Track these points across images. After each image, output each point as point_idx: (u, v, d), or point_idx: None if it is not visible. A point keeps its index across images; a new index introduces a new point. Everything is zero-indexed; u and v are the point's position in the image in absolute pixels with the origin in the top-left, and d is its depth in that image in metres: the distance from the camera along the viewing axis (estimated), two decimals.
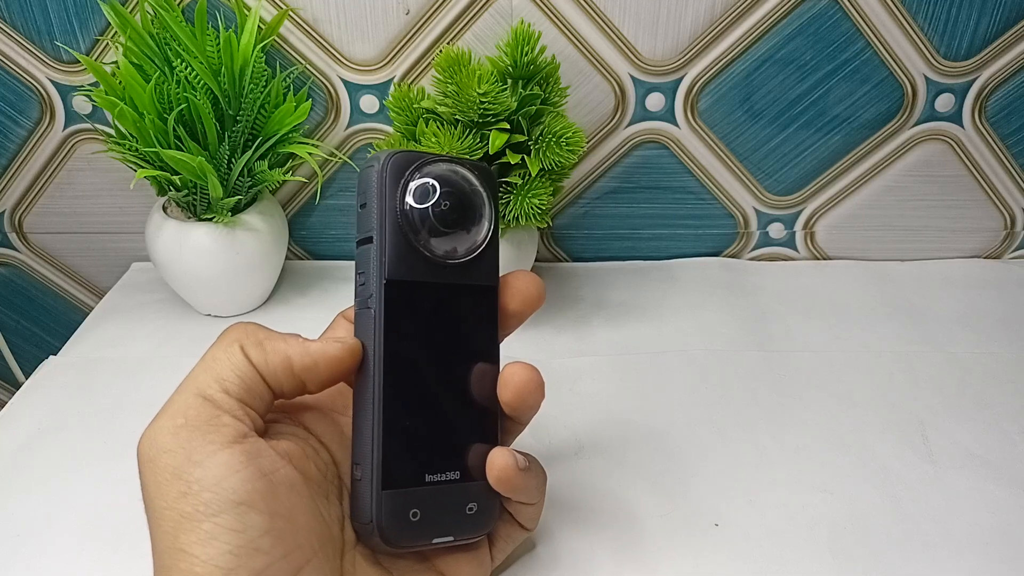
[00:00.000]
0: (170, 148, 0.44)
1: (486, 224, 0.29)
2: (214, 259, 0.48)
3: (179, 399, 0.27)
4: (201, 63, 0.44)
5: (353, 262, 0.30)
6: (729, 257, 0.59)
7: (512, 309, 0.30)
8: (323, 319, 0.32)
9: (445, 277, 0.28)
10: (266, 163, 0.48)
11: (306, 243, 0.59)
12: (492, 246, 0.29)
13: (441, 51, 0.44)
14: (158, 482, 0.25)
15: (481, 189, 0.29)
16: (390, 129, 0.53)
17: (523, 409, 0.29)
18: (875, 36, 0.50)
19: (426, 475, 0.27)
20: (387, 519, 0.26)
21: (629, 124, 0.54)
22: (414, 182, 0.28)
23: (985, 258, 0.59)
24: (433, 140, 0.43)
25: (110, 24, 0.50)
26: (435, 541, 0.28)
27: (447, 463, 0.28)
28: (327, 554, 0.26)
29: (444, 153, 0.37)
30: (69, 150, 0.55)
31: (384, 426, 0.27)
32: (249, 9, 0.47)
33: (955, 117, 0.53)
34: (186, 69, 0.45)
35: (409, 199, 0.28)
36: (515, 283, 0.30)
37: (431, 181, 0.28)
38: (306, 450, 0.28)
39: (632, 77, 0.52)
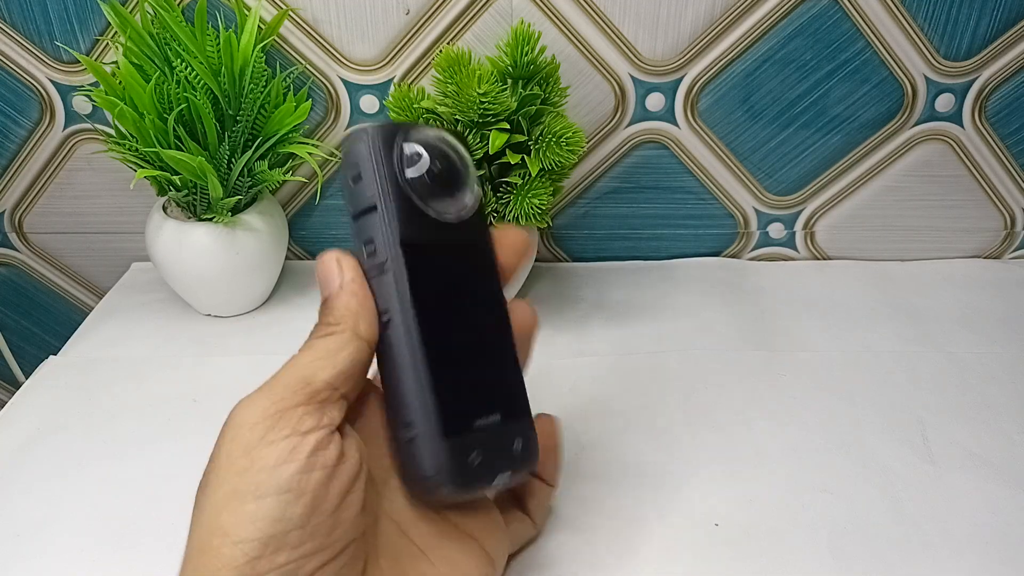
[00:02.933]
0: (170, 148, 0.44)
1: (474, 184, 0.31)
2: (214, 259, 0.48)
3: (284, 379, 0.27)
4: (201, 63, 0.44)
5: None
6: (729, 257, 0.59)
7: (505, 263, 0.31)
8: None
9: (448, 236, 0.30)
10: (266, 163, 0.48)
11: (306, 243, 0.59)
12: (481, 205, 0.31)
13: (441, 51, 0.44)
14: (230, 453, 0.25)
15: (464, 151, 0.31)
16: None
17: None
18: (875, 36, 0.50)
19: (475, 421, 0.29)
20: (453, 466, 0.27)
21: (629, 124, 0.54)
22: (406, 149, 0.29)
23: (985, 258, 0.59)
24: None
25: (110, 24, 0.50)
26: (495, 482, 0.29)
27: (489, 407, 0.29)
28: (355, 552, 0.26)
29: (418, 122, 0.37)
30: (69, 150, 0.55)
31: (432, 380, 0.28)
32: (249, 9, 0.47)
33: (955, 117, 0.53)
34: (186, 69, 0.45)
35: (406, 166, 0.29)
36: (504, 239, 0.32)
37: (419, 147, 0.29)
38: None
39: (632, 77, 0.52)
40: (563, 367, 0.46)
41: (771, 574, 0.34)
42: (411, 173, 0.29)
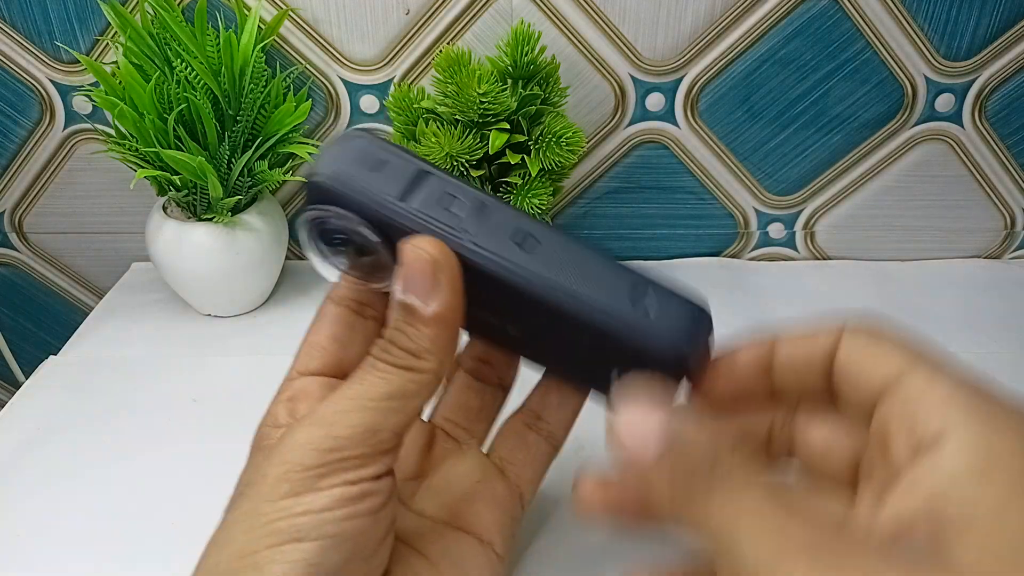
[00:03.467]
0: (170, 148, 0.44)
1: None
2: (214, 259, 0.48)
3: (350, 418, 0.23)
4: (201, 63, 0.44)
5: None
6: (729, 257, 0.59)
7: None
8: None
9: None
10: (266, 163, 0.48)
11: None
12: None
13: (441, 51, 0.44)
14: (275, 486, 0.23)
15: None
16: (390, 129, 0.53)
17: None
18: (875, 36, 0.50)
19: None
20: (679, 324, 0.25)
21: (629, 124, 0.54)
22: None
23: (985, 258, 0.59)
24: (433, 140, 0.43)
25: (110, 24, 0.50)
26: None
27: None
28: None
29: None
30: (69, 150, 0.55)
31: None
32: (249, 9, 0.47)
33: (955, 117, 0.53)
34: (186, 69, 0.45)
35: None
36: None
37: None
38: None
39: (632, 77, 0.52)
40: None
41: None
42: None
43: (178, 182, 0.45)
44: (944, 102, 0.53)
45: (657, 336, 0.24)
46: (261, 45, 0.47)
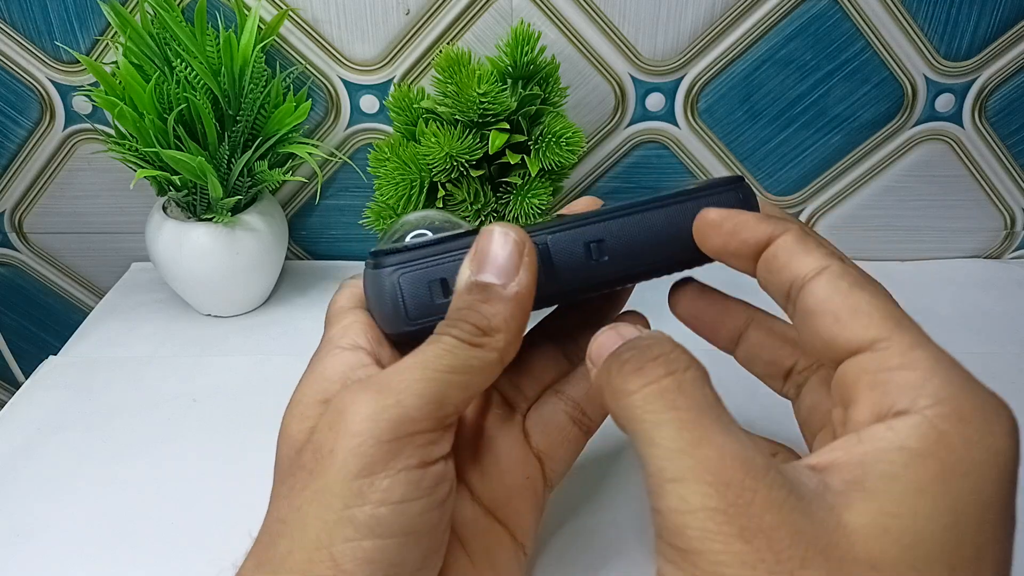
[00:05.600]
0: (170, 148, 0.44)
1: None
2: (214, 259, 0.48)
3: (416, 387, 0.22)
4: (201, 63, 0.44)
5: (349, 261, 0.30)
6: None
7: None
8: (323, 319, 0.31)
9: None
10: (266, 163, 0.48)
11: (306, 243, 0.59)
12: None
13: (441, 51, 0.44)
14: (345, 461, 0.21)
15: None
16: (390, 129, 0.53)
17: None
18: (875, 36, 0.50)
19: None
20: None
21: (629, 124, 0.54)
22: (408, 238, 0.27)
23: (985, 258, 0.59)
24: (433, 140, 0.43)
25: (110, 24, 0.50)
26: None
27: None
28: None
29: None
30: (69, 150, 0.55)
31: None
32: (249, 9, 0.47)
33: (955, 117, 0.53)
34: (186, 69, 0.45)
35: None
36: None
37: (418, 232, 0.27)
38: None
39: (632, 77, 0.52)
40: None
41: None
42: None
43: (178, 182, 0.45)
44: (944, 102, 0.53)
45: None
46: (261, 45, 0.47)
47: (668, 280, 0.29)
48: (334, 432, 0.22)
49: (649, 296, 0.32)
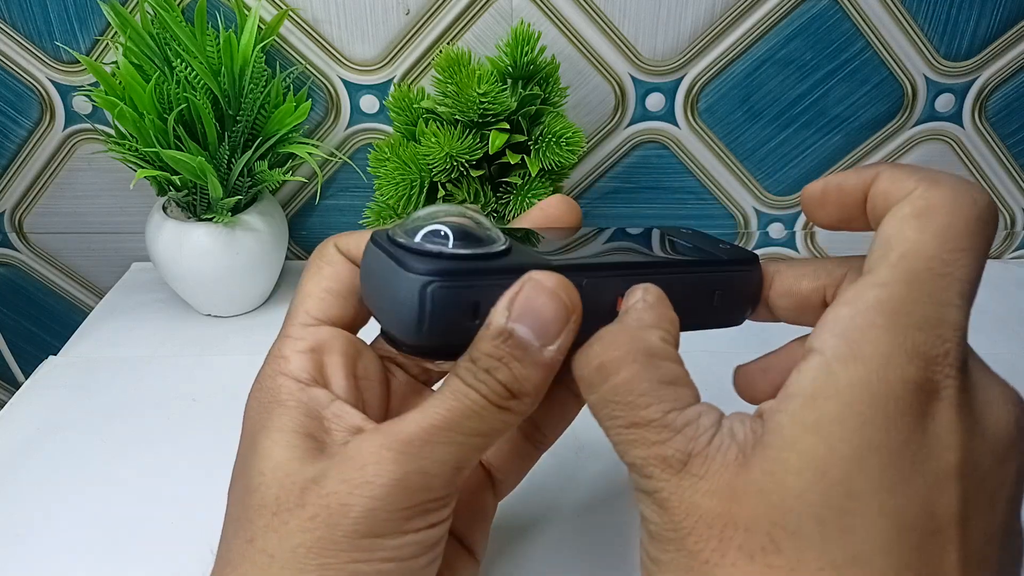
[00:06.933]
0: (170, 148, 0.44)
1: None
2: (214, 259, 0.48)
3: (438, 453, 0.21)
4: (201, 63, 0.44)
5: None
6: None
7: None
8: None
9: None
10: (266, 163, 0.48)
11: (306, 243, 0.59)
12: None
13: (441, 51, 0.44)
14: (357, 522, 0.21)
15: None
16: (390, 129, 0.53)
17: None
18: (875, 36, 0.50)
19: None
20: None
21: (629, 124, 0.54)
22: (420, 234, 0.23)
23: None
24: (433, 140, 0.43)
25: (110, 24, 0.50)
26: None
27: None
28: None
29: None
30: (69, 150, 0.55)
31: None
32: (249, 9, 0.47)
33: (955, 117, 0.53)
34: (186, 69, 0.45)
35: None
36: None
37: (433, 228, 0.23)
38: None
39: (632, 77, 0.52)
40: None
41: None
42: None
43: (178, 182, 0.45)
44: (944, 102, 0.53)
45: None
46: (261, 45, 0.47)
47: None
48: (348, 485, 0.21)
49: None
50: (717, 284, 0.26)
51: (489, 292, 0.22)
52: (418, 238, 0.22)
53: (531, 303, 0.21)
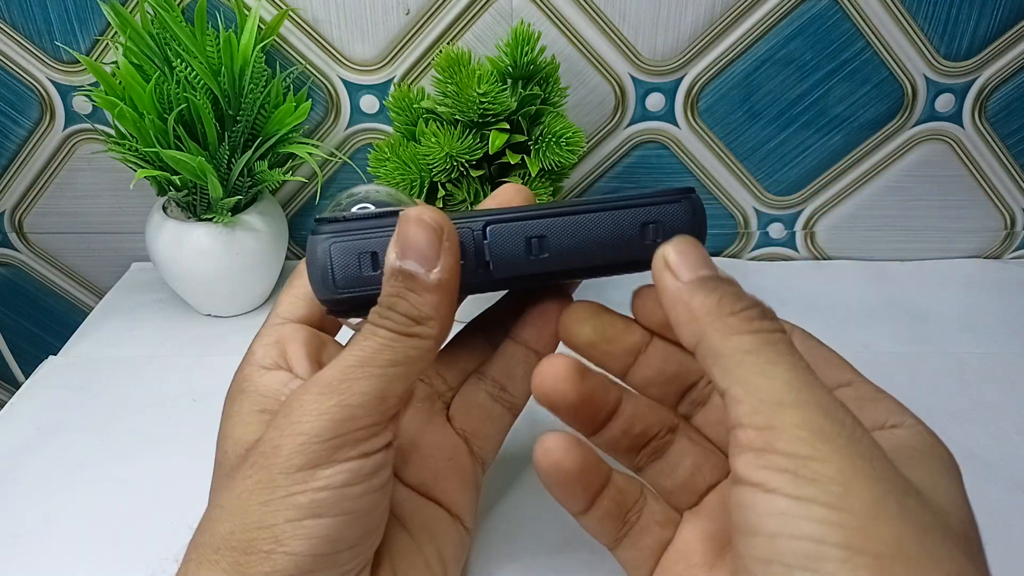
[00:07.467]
0: (170, 148, 0.44)
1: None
2: (214, 259, 0.48)
3: (358, 385, 0.23)
4: (201, 63, 0.44)
5: None
6: (729, 257, 0.59)
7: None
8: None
9: None
10: (266, 163, 0.48)
11: (306, 243, 0.59)
12: None
13: (441, 51, 0.44)
14: (290, 456, 0.22)
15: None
16: (390, 129, 0.53)
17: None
18: (875, 36, 0.50)
19: None
20: None
21: (629, 124, 0.54)
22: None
23: (985, 258, 0.59)
24: (433, 140, 0.43)
25: (110, 24, 0.50)
26: None
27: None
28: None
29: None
30: (69, 150, 0.55)
31: None
32: (249, 9, 0.47)
33: (955, 117, 0.53)
34: (186, 69, 0.45)
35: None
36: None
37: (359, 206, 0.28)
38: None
39: (632, 77, 0.52)
40: None
41: None
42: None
43: (178, 182, 0.45)
44: (944, 102, 0.53)
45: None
46: (261, 45, 0.47)
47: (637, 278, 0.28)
48: (279, 430, 0.23)
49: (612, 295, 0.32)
50: (647, 217, 0.27)
51: (383, 242, 0.25)
52: (341, 212, 0.26)
53: (406, 236, 0.24)
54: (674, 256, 0.23)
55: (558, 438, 0.25)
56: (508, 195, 0.30)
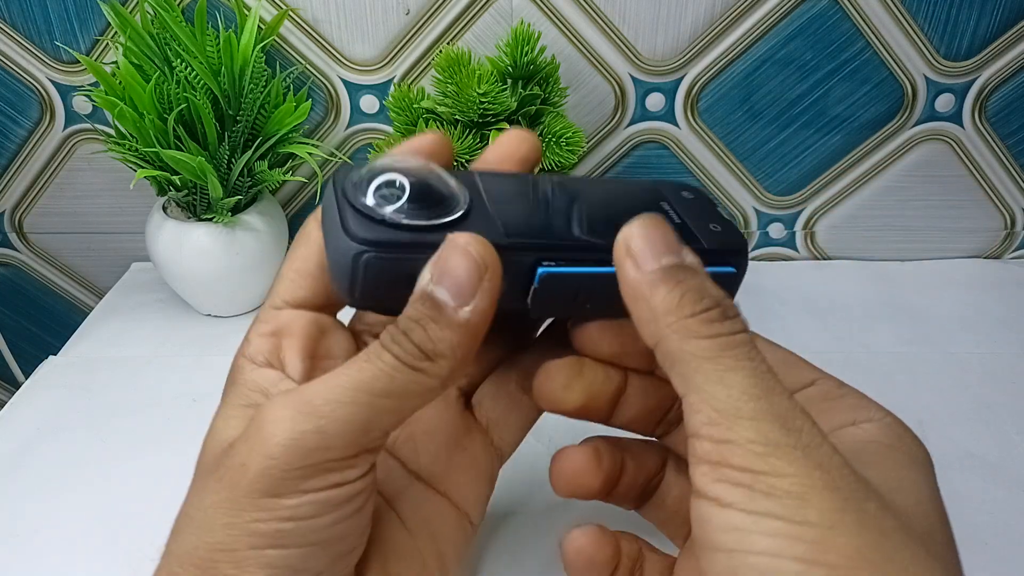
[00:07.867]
0: (170, 148, 0.44)
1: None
2: (214, 259, 0.48)
3: (342, 413, 0.21)
4: (201, 63, 0.44)
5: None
6: None
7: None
8: None
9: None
10: (266, 163, 0.48)
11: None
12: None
13: (441, 51, 0.44)
14: (254, 481, 0.21)
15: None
16: (390, 129, 0.53)
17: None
18: (875, 36, 0.50)
19: None
20: None
21: (629, 124, 0.54)
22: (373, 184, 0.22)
23: (985, 258, 0.59)
24: None
25: (110, 24, 0.50)
26: None
27: None
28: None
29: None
30: (69, 150, 0.55)
31: None
32: (249, 9, 0.47)
33: (955, 117, 0.53)
34: (186, 69, 0.45)
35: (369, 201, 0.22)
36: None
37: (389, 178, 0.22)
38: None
39: (632, 77, 0.52)
40: None
41: None
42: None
43: (178, 182, 0.45)
44: (944, 102, 0.53)
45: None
46: (261, 45, 0.47)
47: None
48: (248, 446, 0.21)
49: None
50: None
51: (421, 267, 0.21)
52: (370, 192, 0.22)
53: (446, 263, 0.21)
54: (638, 242, 0.21)
55: (585, 534, 0.25)
56: (513, 144, 0.27)
